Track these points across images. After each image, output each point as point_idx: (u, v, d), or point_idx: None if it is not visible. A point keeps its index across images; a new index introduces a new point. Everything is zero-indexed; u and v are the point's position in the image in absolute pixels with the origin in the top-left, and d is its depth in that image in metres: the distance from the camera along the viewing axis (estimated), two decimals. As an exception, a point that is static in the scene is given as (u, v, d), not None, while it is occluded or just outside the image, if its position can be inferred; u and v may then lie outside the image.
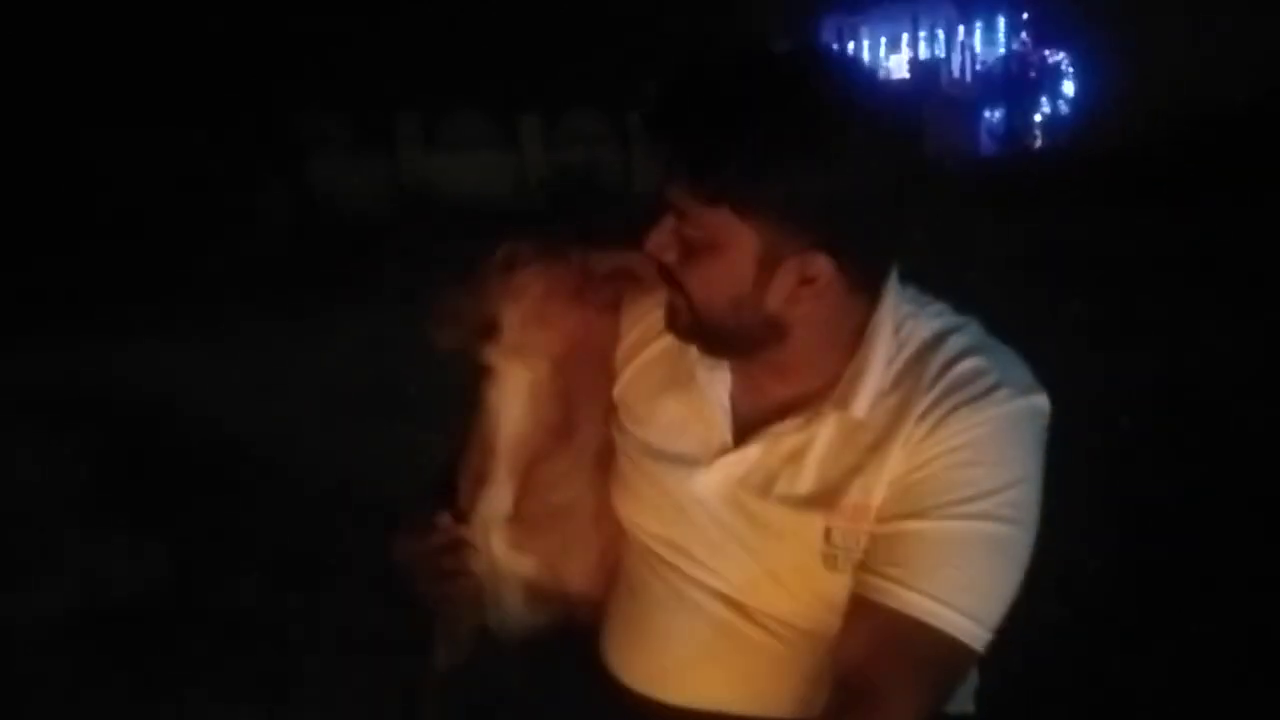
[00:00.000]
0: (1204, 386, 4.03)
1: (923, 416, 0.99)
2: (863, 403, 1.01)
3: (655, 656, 1.14)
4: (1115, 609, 2.38)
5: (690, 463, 1.09)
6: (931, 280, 1.12)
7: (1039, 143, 14.48)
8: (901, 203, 0.97)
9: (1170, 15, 12.30)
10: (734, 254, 0.96)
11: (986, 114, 15.01)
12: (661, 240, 1.00)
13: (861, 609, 0.98)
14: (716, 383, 1.10)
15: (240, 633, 2.54)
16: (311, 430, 4.13)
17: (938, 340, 1.03)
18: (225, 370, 5.24)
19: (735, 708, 1.09)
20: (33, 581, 2.92)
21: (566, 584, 1.20)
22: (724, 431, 1.08)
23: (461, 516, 1.20)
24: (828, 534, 1.02)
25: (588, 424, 1.19)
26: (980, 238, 7.41)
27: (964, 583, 0.95)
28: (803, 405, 1.05)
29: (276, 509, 3.32)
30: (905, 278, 1.09)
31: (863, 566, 1.00)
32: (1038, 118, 14.74)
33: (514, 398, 1.17)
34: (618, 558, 1.21)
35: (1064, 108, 14.48)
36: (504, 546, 1.19)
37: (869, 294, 1.03)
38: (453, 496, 1.22)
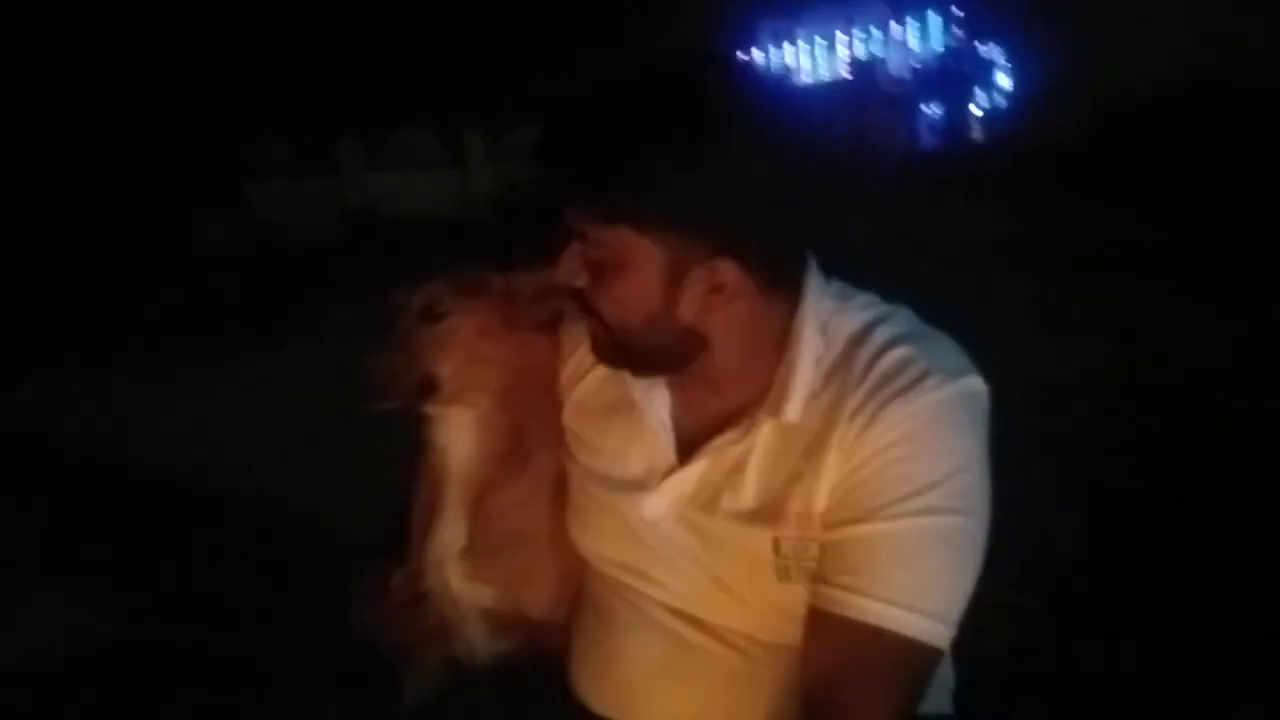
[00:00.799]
0: (1157, 371, 4.10)
1: (854, 415, 0.98)
2: (794, 406, 1.00)
3: (620, 678, 1.13)
4: (1085, 596, 2.40)
5: (639, 486, 1.08)
6: (880, 273, 1.12)
7: (978, 135, 14.74)
8: (803, 200, 0.96)
9: (1104, 5, 12.56)
10: (640, 271, 0.96)
11: (925, 109, 15.23)
12: (569, 267, 1.00)
13: (819, 621, 0.97)
14: (655, 402, 1.09)
15: (200, 675, 2.47)
16: (267, 462, 4.05)
17: (865, 333, 1.02)
18: (174, 404, 5.14)
19: None
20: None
21: (528, 610, 1.19)
22: (668, 451, 1.08)
23: (415, 559, 1.18)
24: (776, 545, 1.01)
25: (541, 448, 1.17)
26: (925, 230, 7.50)
27: (917, 582, 0.94)
28: (739, 415, 1.04)
29: (233, 544, 3.24)
30: (839, 273, 1.09)
31: (816, 576, 0.99)
32: (976, 111, 15.00)
33: (460, 434, 1.16)
34: (579, 580, 1.20)
35: (1000, 100, 14.76)
36: (461, 579, 1.18)
37: (786, 297, 1.02)
38: (406, 538, 1.20)
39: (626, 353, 1.03)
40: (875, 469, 0.96)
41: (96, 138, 10.71)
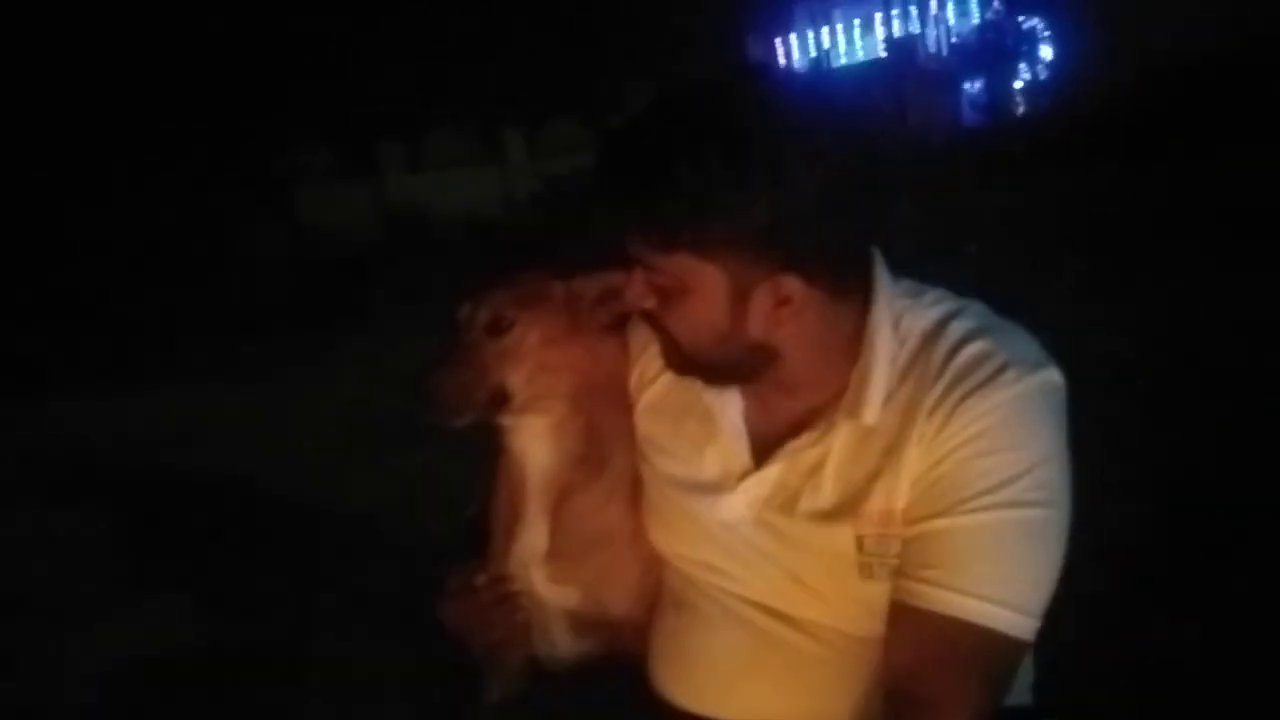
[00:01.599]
0: (1215, 341, 4.00)
1: (933, 411, 0.98)
2: (872, 408, 1.00)
3: (702, 673, 1.13)
4: (1152, 574, 2.35)
5: (714, 489, 1.09)
6: (932, 255, 1.10)
7: (1022, 109, 14.46)
8: (857, 202, 0.96)
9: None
10: (704, 293, 0.97)
11: (966, 86, 14.98)
12: (636, 291, 1.01)
13: (902, 615, 0.97)
14: (728, 406, 1.09)
15: (270, 674, 2.52)
16: (327, 463, 4.11)
17: (939, 329, 1.02)
18: (228, 410, 5.23)
19: None
20: (63, 642, 2.89)
21: (610, 610, 1.20)
22: (743, 454, 1.08)
23: (496, 562, 1.19)
24: (859, 543, 1.01)
25: (617, 451, 1.18)
26: (973, 208, 7.39)
27: (1000, 575, 0.93)
28: (815, 418, 1.04)
29: (292, 545, 3.29)
30: (901, 268, 1.08)
31: (899, 571, 0.99)
32: (1018, 85, 14.72)
33: (536, 442, 1.18)
34: (659, 578, 1.20)
35: (1043, 73, 14.47)
36: (544, 582, 1.20)
37: (855, 298, 1.02)
38: (485, 545, 1.21)
39: (698, 366, 1.04)
40: (955, 463, 0.96)
41: (140, 148, 10.91)
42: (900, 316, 1.03)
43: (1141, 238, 5.79)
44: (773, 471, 1.06)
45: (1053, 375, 0.99)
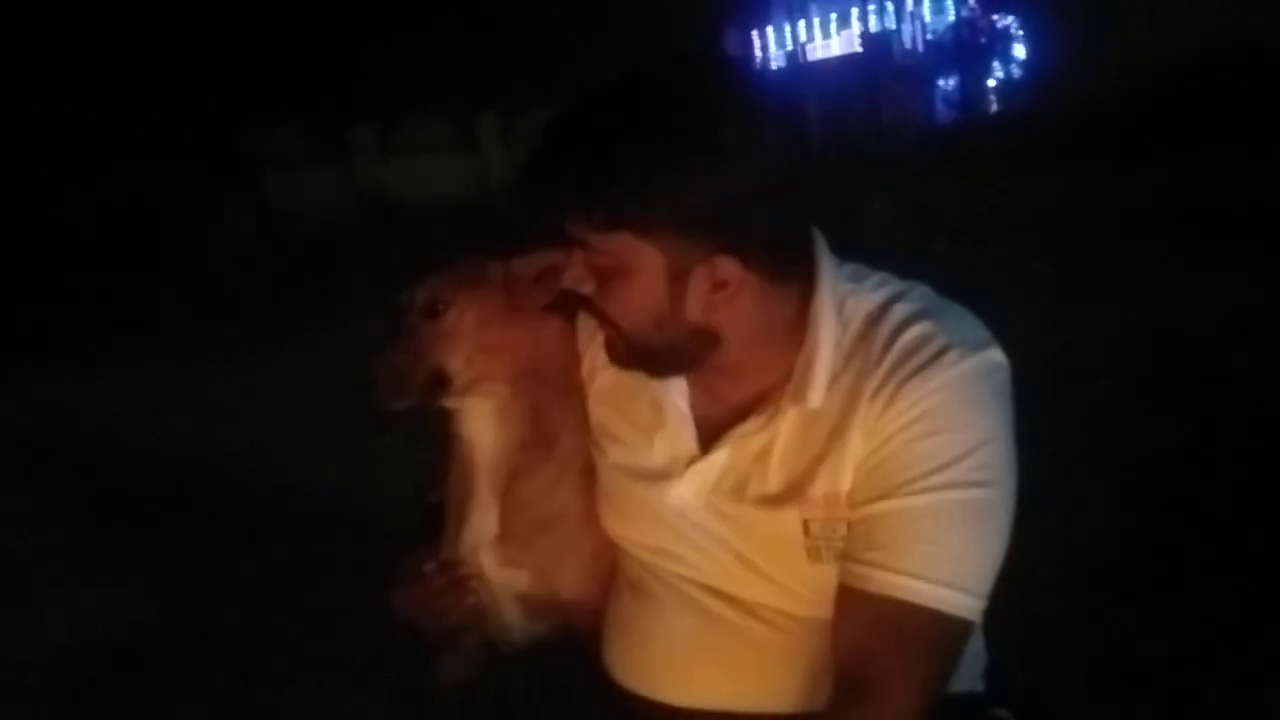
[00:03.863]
0: (1181, 337, 4.06)
1: (875, 394, 0.98)
2: (816, 391, 1.00)
3: (655, 657, 1.13)
4: (1114, 568, 2.38)
5: (663, 475, 1.09)
6: (900, 249, 1.11)
7: (994, 107, 14.57)
8: (797, 188, 0.97)
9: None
10: (643, 274, 0.97)
11: (940, 82, 15.07)
12: (575, 275, 1.01)
13: (848, 598, 0.98)
14: (674, 393, 1.09)
15: (229, 660, 2.50)
16: (287, 448, 4.08)
17: (881, 312, 1.02)
18: (193, 394, 5.18)
19: (741, 705, 1.08)
20: (23, 621, 2.87)
21: (561, 593, 1.20)
22: (689, 440, 1.08)
23: (448, 546, 1.19)
24: (806, 526, 1.01)
25: (566, 432, 1.17)
26: (945, 205, 7.44)
27: (944, 555, 0.94)
28: (761, 403, 1.04)
29: (258, 531, 3.27)
30: (859, 250, 1.09)
31: (845, 554, 0.99)
32: (991, 83, 14.83)
33: (481, 424, 1.17)
34: (612, 562, 1.20)
35: (1016, 71, 14.58)
36: (495, 565, 1.19)
37: (797, 283, 1.03)
38: (439, 527, 1.21)
39: (641, 355, 1.04)
40: (898, 446, 0.96)
41: (110, 131, 10.75)
42: (844, 300, 1.03)
43: (1113, 237, 5.86)
44: (719, 457, 1.06)
45: (995, 355, 0.99)
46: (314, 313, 6.76)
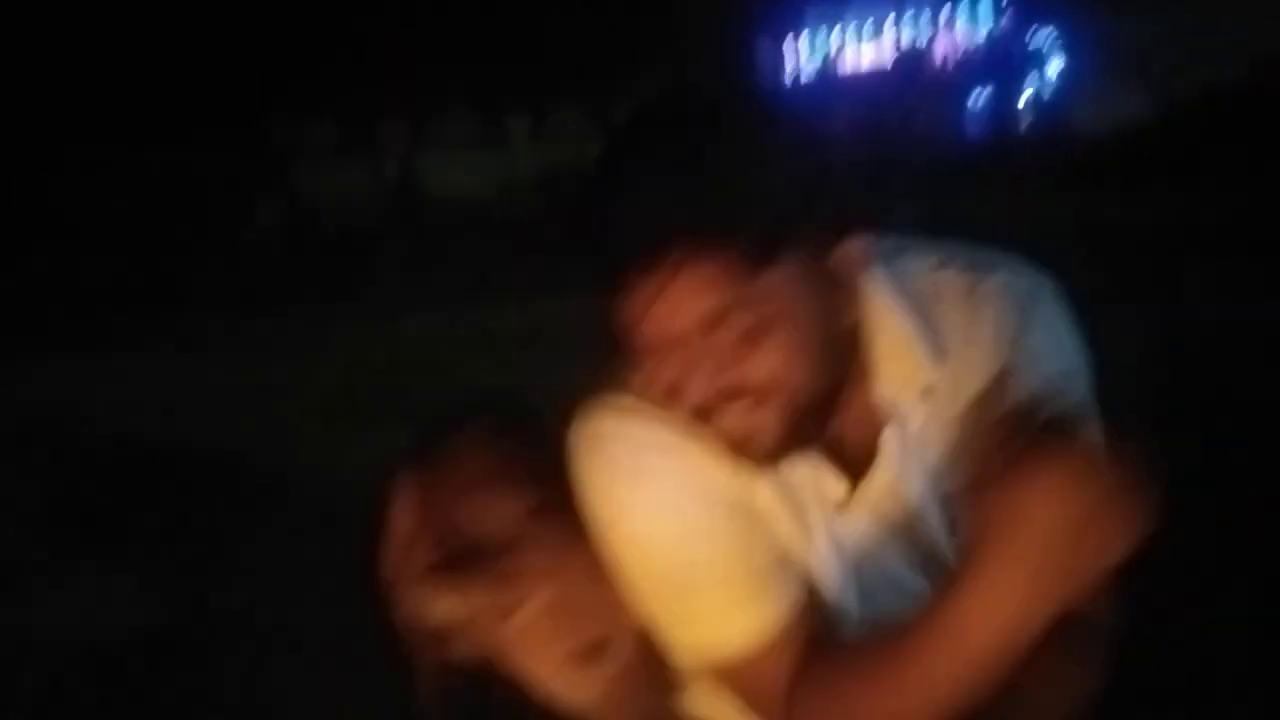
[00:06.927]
0: (1201, 359, 4.04)
1: (994, 345, 0.95)
2: (926, 366, 0.94)
3: None
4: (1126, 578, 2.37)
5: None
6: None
7: (1026, 124, 14.49)
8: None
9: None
10: (804, 294, 0.83)
11: (971, 97, 15.00)
12: (717, 361, 0.81)
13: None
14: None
15: (244, 644, 2.53)
16: (310, 436, 4.11)
17: (931, 267, 0.99)
18: (218, 381, 5.22)
19: None
20: (32, 604, 2.90)
21: None
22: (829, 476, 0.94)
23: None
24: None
25: None
26: (972, 219, 7.41)
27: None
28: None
29: (278, 518, 3.30)
30: None
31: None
32: (1023, 99, 14.75)
33: None
34: None
35: (1049, 89, 14.50)
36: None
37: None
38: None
39: (800, 420, 0.86)
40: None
41: (142, 117, 10.84)
42: (895, 267, 0.98)
43: (1138, 258, 5.82)
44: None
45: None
46: (336, 305, 6.82)
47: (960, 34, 15.52)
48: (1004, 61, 14.84)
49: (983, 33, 15.46)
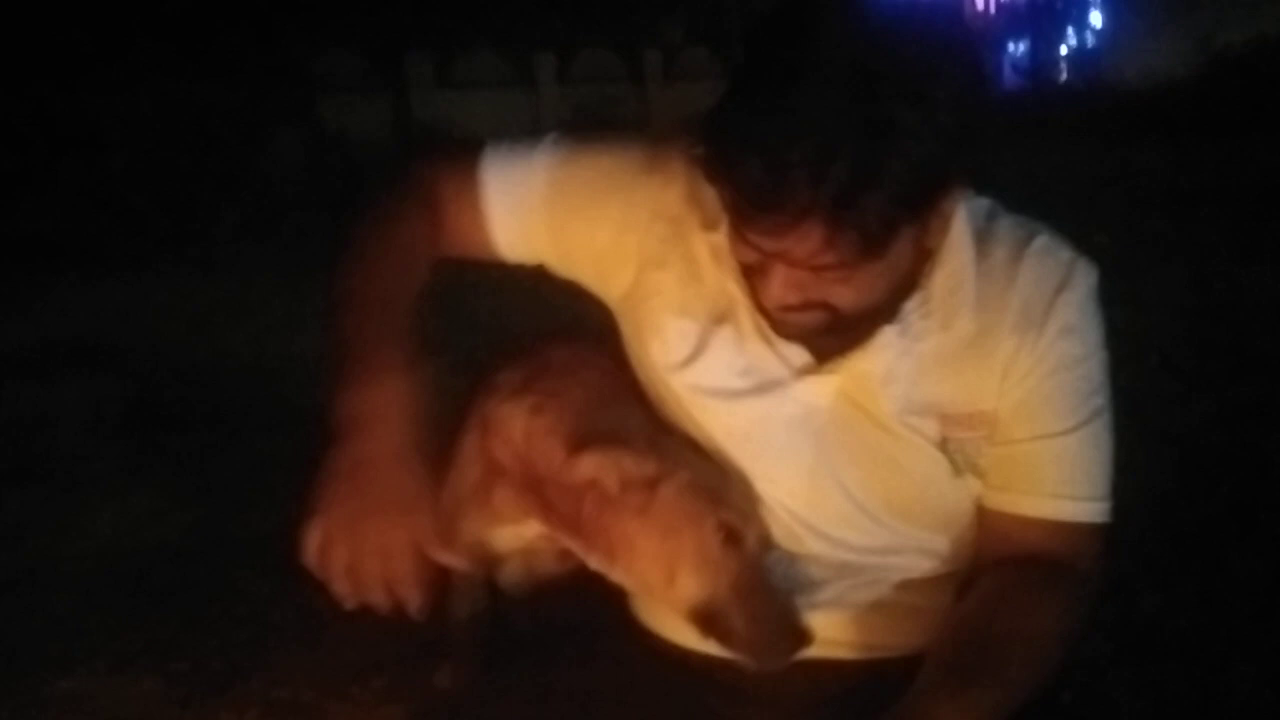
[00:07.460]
0: (1229, 318, 3.98)
1: (1024, 311, 0.97)
2: (965, 313, 0.98)
3: None
4: (1143, 545, 2.35)
5: (758, 389, 1.02)
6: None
7: (1065, 76, 14.18)
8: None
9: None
10: (899, 247, 0.88)
11: (1010, 47, 14.68)
12: (816, 285, 0.89)
13: (997, 521, 1.00)
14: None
15: (274, 562, 2.54)
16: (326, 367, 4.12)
17: (990, 223, 1.02)
18: (242, 314, 5.24)
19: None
20: (70, 519, 2.91)
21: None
22: (799, 352, 1.01)
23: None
24: (944, 443, 1.00)
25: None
26: (1003, 171, 7.28)
27: (1092, 474, 0.99)
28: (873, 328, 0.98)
29: (301, 446, 3.31)
30: None
31: (993, 481, 1.00)
32: (1063, 51, 14.42)
33: None
34: None
35: (1091, 40, 14.15)
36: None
37: None
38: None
39: (851, 327, 0.96)
40: (1050, 370, 0.97)
41: (168, 46, 10.78)
42: (978, 224, 1.02)
43: (1173, 215, 5.71)
44: (833, 379, 1.03)
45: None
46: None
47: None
48: (1045, 12, 14.50)
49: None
